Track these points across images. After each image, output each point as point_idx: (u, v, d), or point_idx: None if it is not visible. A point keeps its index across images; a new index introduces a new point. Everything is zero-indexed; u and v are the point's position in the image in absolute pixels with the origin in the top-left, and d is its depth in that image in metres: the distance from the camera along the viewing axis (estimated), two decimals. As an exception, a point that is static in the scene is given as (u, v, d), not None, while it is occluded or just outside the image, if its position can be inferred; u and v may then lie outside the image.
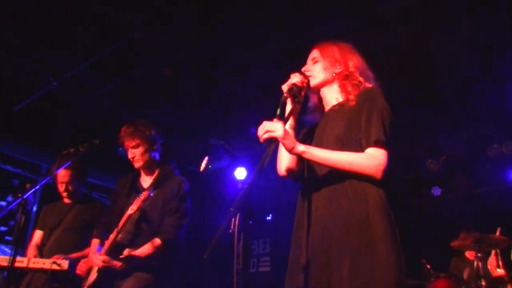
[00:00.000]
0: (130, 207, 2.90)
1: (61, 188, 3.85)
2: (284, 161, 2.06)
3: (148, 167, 3.22)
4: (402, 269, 1.66)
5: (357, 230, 1.72)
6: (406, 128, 5.93)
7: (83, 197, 3.99)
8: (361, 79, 2.05)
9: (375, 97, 1.94)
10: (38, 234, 3.88)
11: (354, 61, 2.11)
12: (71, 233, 3.74)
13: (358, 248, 1.69)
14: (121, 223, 2.90)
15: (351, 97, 1.98)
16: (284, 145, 1.83)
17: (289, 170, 2.06)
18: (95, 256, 2.89)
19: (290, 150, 1.84)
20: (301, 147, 1.84)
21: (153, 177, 3.20)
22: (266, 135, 1.79)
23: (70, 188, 3.83)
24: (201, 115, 6.06)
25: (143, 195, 2.90)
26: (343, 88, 2.05)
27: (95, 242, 3.18)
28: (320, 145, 1.94)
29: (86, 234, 3.62)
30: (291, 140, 1.84)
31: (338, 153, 1.84)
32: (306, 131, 2.20)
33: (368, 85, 2.04)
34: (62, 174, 3.78)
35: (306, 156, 1.85)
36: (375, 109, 1.89)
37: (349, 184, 1.83)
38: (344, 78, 2.06)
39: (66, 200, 3.93)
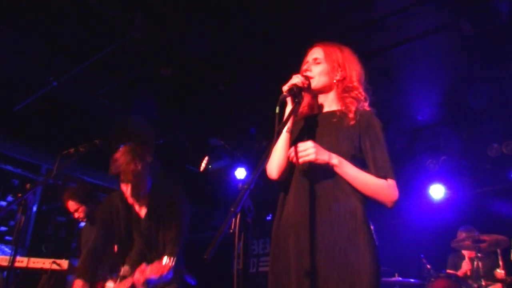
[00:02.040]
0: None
1: (75, 216, 3.90)
2: (276, 162, 2.01)
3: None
4: (379, 272, 1.82)
5: (345, 238, 1.80)
6: (406, 128, 5.95)
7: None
8: (362, 94, 2.04)
9: (375, 125, 1.97)
10: None
11: (357, 71, 2.09)
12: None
13: (345, 254, 1.77)
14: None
15: (351, 115, 1.98)
16: (318, 161, 1.85)
17: (280, 173, 2.01)
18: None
19: (322, 162, 1.85)
20: (335, 160, 1.87)
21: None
22: (300, 160, 1.85)
23: (81, 215, 3.87)
24: (201, 115, 6.06)
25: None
26: (340, 99, 2.05)
27: (79, 284, 2.77)
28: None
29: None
30: (324, 153, 1.86)
31: (365, 175, 1.89)
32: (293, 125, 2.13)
33: (366, 107, 2.03)
34: (70, 205, 3.85)
35: (337, 170, 1.87)
36: (379, 139, 1.94)
37: (342, 195, 1.87)
38: (344, 90, 2.05)
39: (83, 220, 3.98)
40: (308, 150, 1.84)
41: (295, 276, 1.80)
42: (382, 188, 1.88)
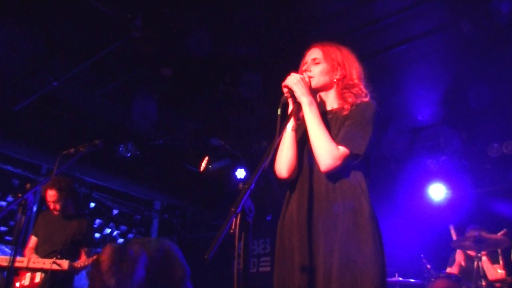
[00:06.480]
0: None
1: (50, 206, 4.01)
2: (285, 161, 2.01)
3: None
4: (384, 268, 1.77)
5: (347, 235, 1.78)
6: (406, 128, 5.94)
7: (72, 214, 4.13)
8: (362, 90, 2.04)
9: (365, 109, 1.96)
10: (33, 240, 4.09)
11: (357, 69, 2.10)
12: (56, 247, 3.89)
13: (347, 250, 1.76)
14: None
15: (346, 106, 1.98)
16: (294, 93, 1.93)
17: (290, 172, 2.01)
18: None
19: (299, 95, 1.92)
20: (305, 99, 1.92)
21: None
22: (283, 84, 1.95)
23: (57, 207, 3.97)
24: (201, 115, 6.05)
25: None
26: (341, 96, 2.05)
27: None
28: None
29: (72, 248, 3.86)
30: (302, 89, 1.93)
31: (322, 128, 1.89)
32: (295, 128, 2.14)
33: (365, 99, 2.02)
34: (50, 194, 3.96)
35: (305, 109, 1.91)
36: (357, 118, 1.93)
37: (346, 193, 1.86)
38: (345, 87, 2.05)
39: (56, 213, 4.07)
40: (293, 78, 1.94)
41: (298, 274, 1.80)
42: (326, 147, 1.85)
